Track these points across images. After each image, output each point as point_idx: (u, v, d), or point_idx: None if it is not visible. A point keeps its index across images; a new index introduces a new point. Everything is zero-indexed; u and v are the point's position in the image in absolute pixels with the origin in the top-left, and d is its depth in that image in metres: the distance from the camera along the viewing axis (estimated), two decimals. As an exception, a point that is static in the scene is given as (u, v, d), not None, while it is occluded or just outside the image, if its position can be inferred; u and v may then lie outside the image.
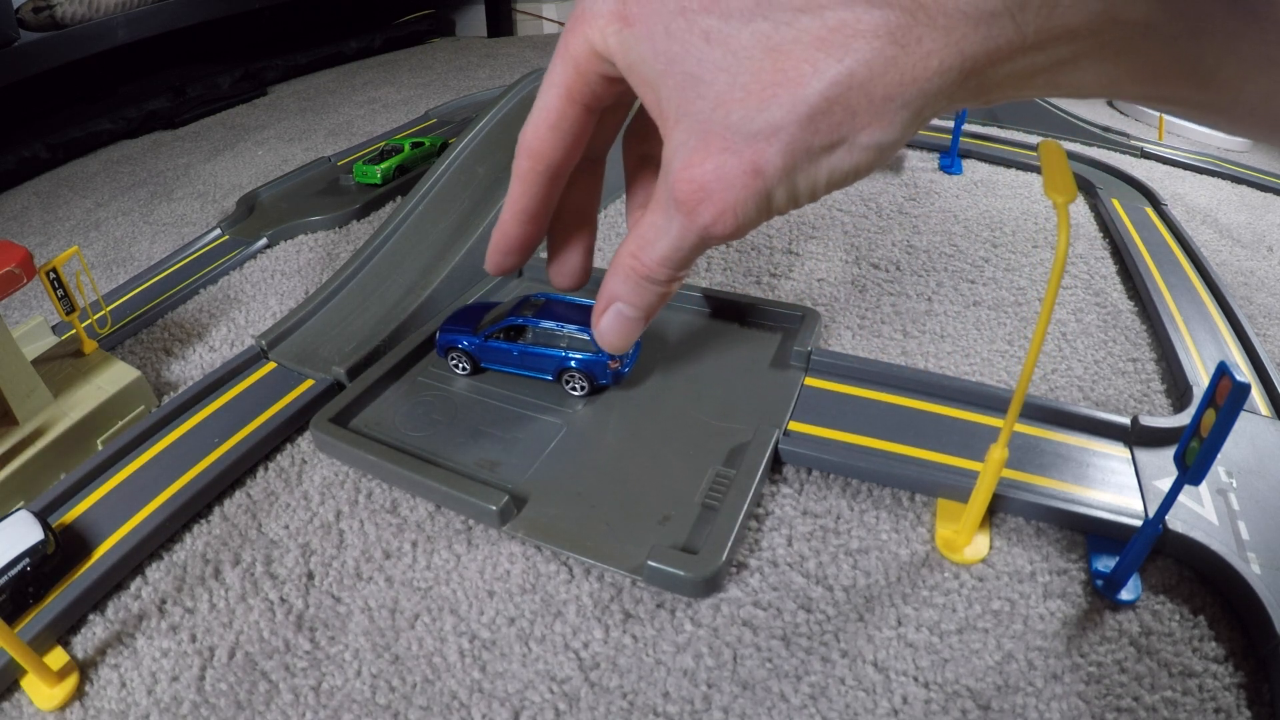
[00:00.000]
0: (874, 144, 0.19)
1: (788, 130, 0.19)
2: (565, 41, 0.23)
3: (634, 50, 0.21)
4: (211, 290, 0.64)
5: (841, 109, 0.18)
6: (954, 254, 0.64)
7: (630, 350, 0.46)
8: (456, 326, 0.48)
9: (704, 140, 0.20)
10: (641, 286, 0.25)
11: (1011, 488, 0.38)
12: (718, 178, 0.20)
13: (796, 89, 0.18)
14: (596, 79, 0.23)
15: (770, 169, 0.20)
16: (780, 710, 0.31)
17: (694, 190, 0.21)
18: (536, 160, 0.27)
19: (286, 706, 0.32)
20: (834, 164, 0.20)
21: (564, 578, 0.37)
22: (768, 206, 0.21)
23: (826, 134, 0.19)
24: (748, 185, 0.20)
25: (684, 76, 0.20)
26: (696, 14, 0.19)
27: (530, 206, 0.28)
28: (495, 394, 0.47)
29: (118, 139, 1.07)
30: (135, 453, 0.44)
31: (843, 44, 0.18)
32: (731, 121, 0.19)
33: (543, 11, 1.72)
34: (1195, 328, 0.52)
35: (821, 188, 0.21)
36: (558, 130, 0.25)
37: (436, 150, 0.85)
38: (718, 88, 0.19)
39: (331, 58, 1.42)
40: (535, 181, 0.28)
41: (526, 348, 0.46)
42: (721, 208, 0.21)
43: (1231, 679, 0.31)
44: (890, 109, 0.18)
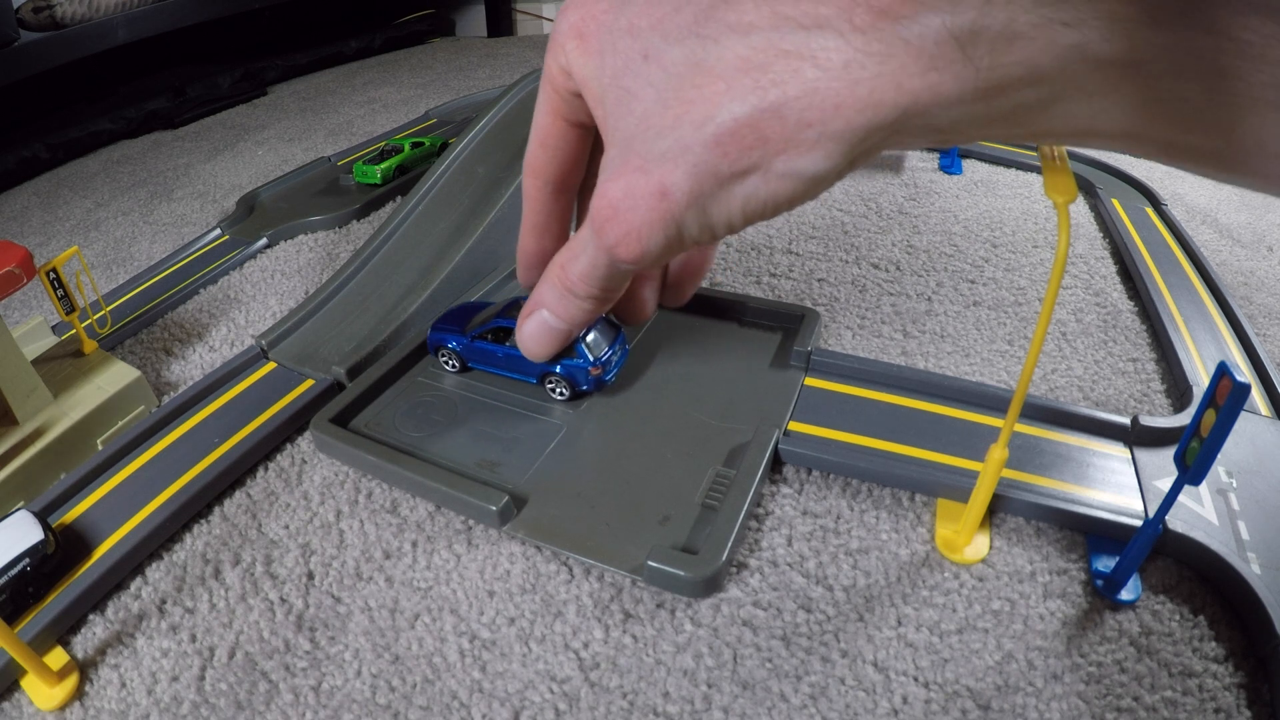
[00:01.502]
0: (792, 172, 0.18)
1: (694, 152, 0.18)
2: (545, 64, 0.23)
3: (586, 66, 0.21)
4: (211, 290, 0.64)
5: (752, 133, 0.17)
6: (954, 254, 0.64)
7: (617, 357, 0.46)
8: (447, 326, 0.48)
9: (624, 158, 0.19)
10: (565, 298, 0.25)
11: (1011, 488, 0.38)
12: (626, 197, 0.20)
13: (707, 108, 0.17)
14: (570, 97, 0.23)
15: (677, 192, 0.19)
16: (780, 710, 0.31)
17: (604, 207, 0.20)
18: (536, 177, 0.27)
19: (286, 706, 0.32)
20: (748, 192, 0.18)
21: (564, 578, 0.37)
22: (678, 234, 0.20)
23: (736, 159, 0.18)
24: (653, 208, 0.19)
25: (621, 92, 0.19)
26: (643, 31, 0.19)
27: (541, 220, 0.29)
28: (495, 394, 0.47)
29: (118, 139, 1.07)
30: (135, 453, 0.44)
31: (761, 65, 0.16)
32: (647, 139, 0.19)
33: (543, 11, 1.72)
34: (1195, 328, 0.52)
35: (738, 217, 0.19)
36: (549, 148, 0.26)
37: (436, 150, 0.85)
38: (645, 104, 0.19)
39: (331, 58, 1.42)
40: (539, 198, 0.28)
41: (511, 350, 0.46)
42: (626, 229, 0.20)
43: (1231, 679, 0.31)
44: (808, 136, 0.17)
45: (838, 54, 0.16)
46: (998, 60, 0.15)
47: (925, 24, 0.15)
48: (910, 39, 0.15)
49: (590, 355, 0.44)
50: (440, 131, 0.96)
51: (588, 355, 0.44)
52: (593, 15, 0.20)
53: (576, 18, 0.21)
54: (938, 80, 0.15)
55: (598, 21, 0.20)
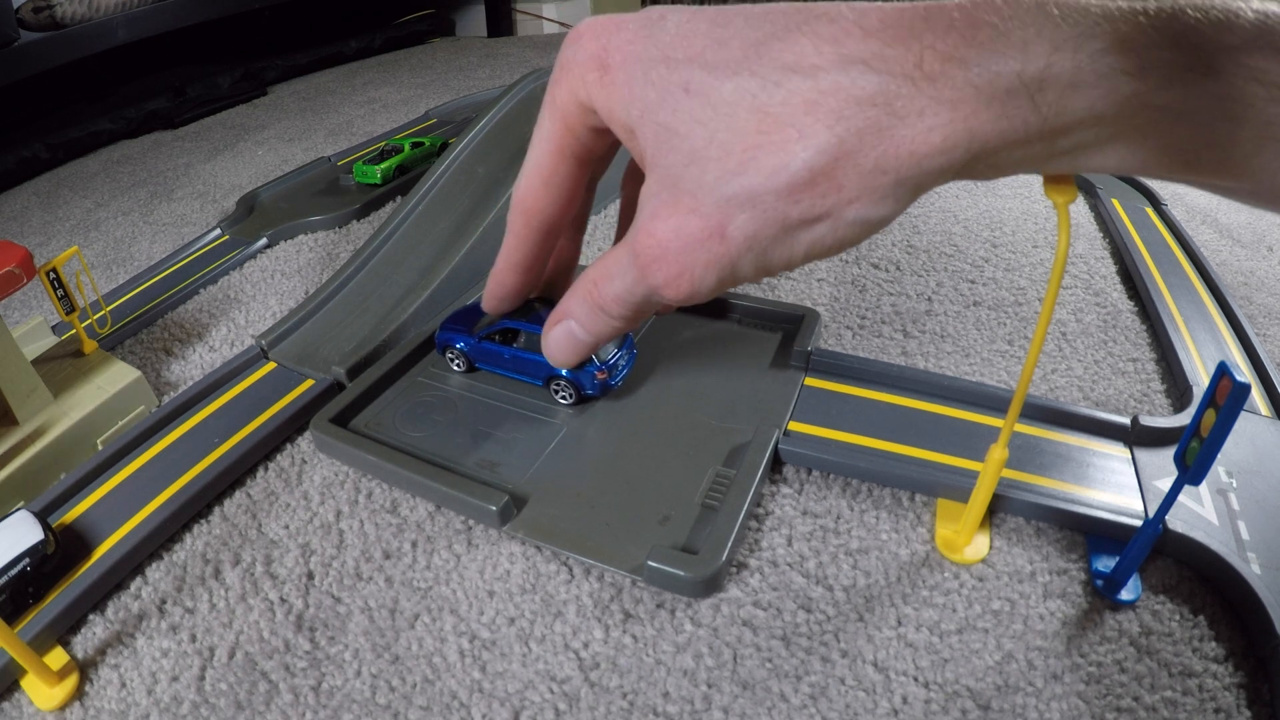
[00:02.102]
0: (861, 219, 0.17)
1: (764, 200, 0.17)
2: (552, 94, 0.22)
3: (613, 97, 0.20)
4: (211, 290, 0.64)
5: (827, 181, 0.17)
6: (954, 254, 0.64)
7: (624, 361, 0.45)
8: (455, 325, 0.48)
9: (672, 196, 0.19)
10: (595, 314, 0.25)
11: (1011, 488, 0.38)
12: (677, 238, 0.19)
13: (779, 155, 0.17)
14: (585, 131, 0.22)
15: (737, 237, 0.18)
16: (780, 710, 0.31)
17: (651, 246, 0.20)
18: (530, 217, 0.26)
19: (286, 706, 0.32)
20: (814, 238, 0.18)
21: (564, 578, 0.37)
22: (731, 275, 0.19)
23: (808, 206, 0.17)
24: (709, 251, 0.19)
25: (659, 127, 0.18)
26: (680, 63, 0.18)
27: (524, 260, 0.28)
28: (495, 394, 0.47)
29: (118, 139, 1.07)
30: (135, 453, 0.44)
31: (834, 110, 0.16)
32: (705, 181, 0.18)
33: (543, 11, 1.72)
34: (1195, 328, 0.52)
35: (799, 259, 0.19)
36: (550, 186, 0.24)
37: (436, 150, 0.85)
38: (693, 142, 0.18)
39: (331, 58, 1.42)
40: (528, 237, 0.27)
41: (518, 352, 0.45)
42: (676, 271, 0.19)
43: (1231, 679, 0.31)
44: (882, 184, 0.16)
45: (911, 101, 0.15)
46: (1063, 106, 0.15)
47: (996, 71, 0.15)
48: (981, 86, 0.15)
49: (597, 360, 0.43)
50: (440, 131, 0.96)
51: (595, 359, 0.43)
52: (616, 45, 0.19)
53: (596, 47, 0.20)
54: (1008, 126, 0.15)
55: (623, 52, 0.19)
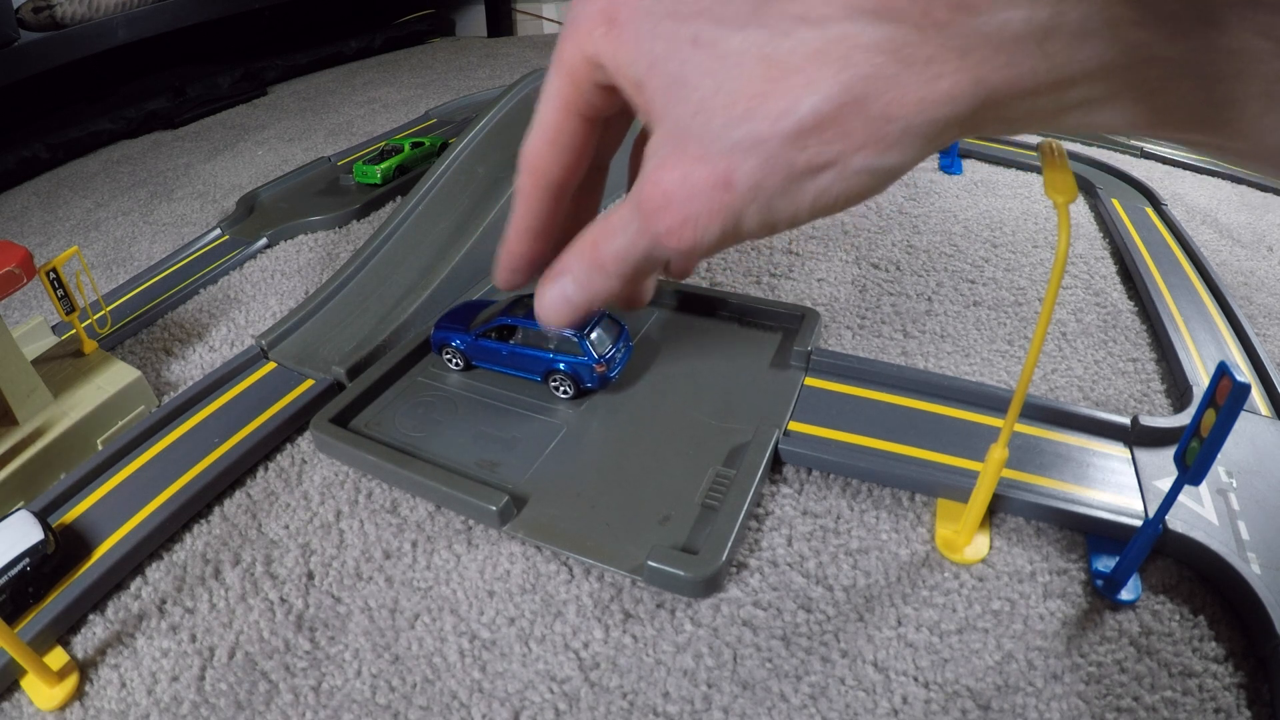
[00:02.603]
0: (868, 168, 0.17)
1: (769, 144, 0.17)
2: (559, 51, 0.22)
3: (621, 52, 0.20)
4: (211, 290, 0.64)
5: (834, 127, 0.17)
6: (954, 254, 0.64)
7: (621, 354, 0.46)
8: (451, 324, 0.48)
9: (679, 146, 0.19)
10: (592, 272, 0.24)
11: (1011, 488, 0.38)
12: (683, 186, 0.19)
13: (785, 100, 0.17)
14: (591, 88, 0.22)
15: (743, 185, 0.18)
16: (780, 710, 0.31)
17: (657, 195, 0.20)
18: (538, 177, 0.26)
19: (286, 706, 0.32)
20: (820, 187, 0.18)
21: (564, 578, 0.37)
22: (735, 227, 0.19)
23: (814, 153, 0.17)
24: (713, 199, 0.19)
25: (668, 78, 0.19)
26: (687, 17, 0.18)
27: (535, 224, 0.27)
28: (495, 394, 0.47)
29: (118, 139, 1.07)
30: (135, 453, 0.44)
31: (842, 56, 0.16)
32: (711, 128, 0.18)
33: (543, 11, 1.72)
34: (1195, 328, 0.52)
35: (805, 212, 0.19)
36: (557, 145, 0.24)
37: (436, 150, 0.85)
38: (701, 93, 0.18)
39: (331, 58, 1.42)
40: (538, 198, 0.26)
41: (515, 348, 0.46)
42: (681, 219, 0.19)
43: (1231, 679, 0.31)
44: (890, 131, 0.17)
45: (919, 48, 0.16)
46: (1072, 55, 0.15)
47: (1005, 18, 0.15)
48: (989, 33, 0.15)
49: (595, 353, 0.44)
50: (440, 131, 0.96)
51: (592, 353, 0.44)
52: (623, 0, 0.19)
53: (603, 3, 0.20)
54: (1015, 74, 0.16)
55: (630, 6, 0.19)
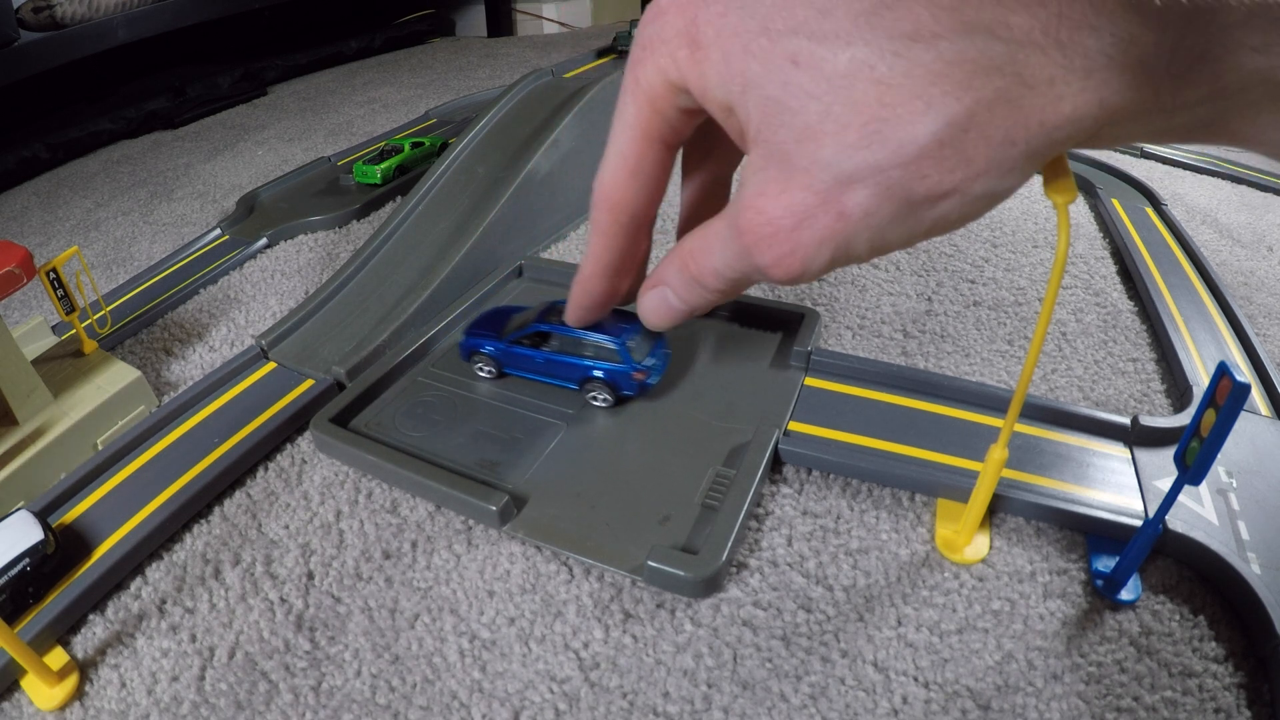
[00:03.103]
0: (988, 193, 0.17)
1: (889, 173, 0.16)
2: (634, 75, 0.21)
3: (708, 74, 0.19)
4: (211, 290, 0.64)
5: (955, 154, 0.16)
6: (954, 254, 0.64)
7: (660, 361, 0.45)
8: (481, 330, 0.47)
9: (783, 172, 0.18)
10: (690, 285, 0.23)
11: (1011, 488, 0.38)
12: (790, 215, 0.18)
13: (905, 128, 0.16)
14: (674, 113, 0.21)
15: (857, 214, 0.17)
16: (780, 710, 0.31)
17: (761, 224, 0.19)
18: (619, 212, 0.24)
19: (286, 706, 0.32)
20: (939, 215, 0.17)
21: (564, 578, 0.37)
22: (845, 254, 0.18)
23: (935, 182, 0.16)
24: (826, 229, 0.18)
25: (765, 100, 0.17)
26: (782, 34, 0.17)
27: (616, 260, 0.26)
28: (496, 395, 0.47)
29: (118, 139, 1.07)
30: (135, 453, 0.44)
31: (963, 80, 0.15)
32: (821, 157, 0.17)
33: (543, 11, 1.72)
34: (1195, 328, 0.52)
35: (919, 237, 0.18)
36: (639, 176, 0.23)
37: (436, 150, 0.85)
38: (806, 117, 0.17)
39: (331, 58, 1.42)
40: (619, 234, 0.25)
41: (551, 355, 0.45)
42: (788, 250, 0.18)
43: (1231, 679, 0.31)
44: (1011, 156, 0.16)
45: (1041, 69, 0.15)
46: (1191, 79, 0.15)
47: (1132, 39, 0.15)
48: (1115, 55, 0.15)
49: (634, 360, 0.43)
50: (440, 131, 0.96)
51: (631, 360, 0.43)
52: (706, 19, 0.18)
53: (683, 22, 0.19)
54: (1137, 97, 0.15)
55: (715, 25, 0.18)
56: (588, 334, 0.43)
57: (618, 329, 0.43)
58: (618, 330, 0.43)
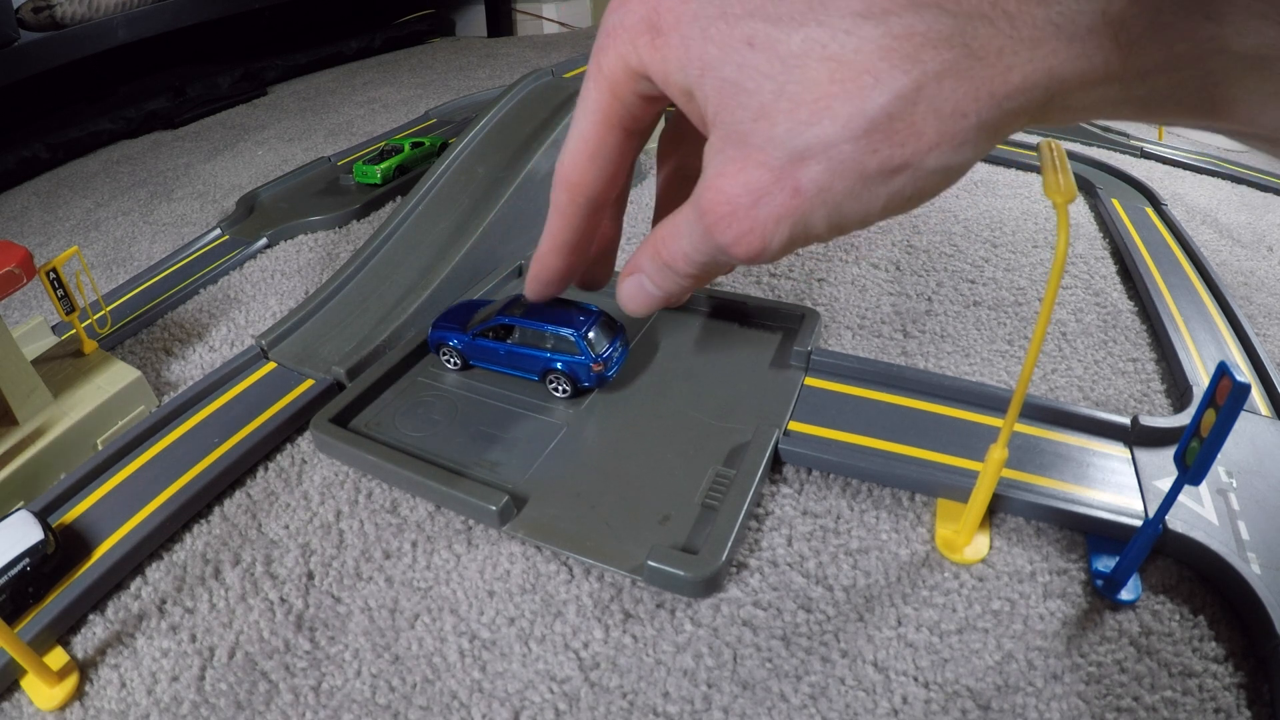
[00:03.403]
0: (942, 166, 0.17)
1: (839, 148, 0.17)
2: (597, 62, 0.21)
3: (669, 60, 0.19)
4: (211, 290, 0.64)
5: (905, 127, 0.16)
6: (954, 254, 0.64)
7: (618, 354, 0.46)
8: (448, 323, 0.48)
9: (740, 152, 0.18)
10: (662, 270, 0.24)
11: (1011, 488, 0.38)
12: (747, 193, 0.18)
13: (854, 102, 0.16)
14: (634, 100, 0.21)
15: (811, 189, 0.17)
16: (780, 710, 0.31)
17: (720, 203, 0.19)
18: (576, 193, 0.25)
19: (286, 706, 0.32)
20: (893, 191, 0.17)
21: (564, 578, 0.37)
22: (803, 231, 0.19)
23: (887, 156, 0.16)
24: (782, 205, 0.18)
25: (722, 83, 0.18)
26: (740, 18, 0.17)
27: (572, 239, 0.27)
28: (495, 394, 0.47)
29: (118, 139, 1.07)
30: (135, 453, 0.44)
31: (910, 54, 0.15)
32: (775, 135, 0.17)
33: (543, 11, 1.72)
34: (1195, 328, 0.52)
35: (876, 214, 0.18)
36: (598, 160, 0.23)
37: (436, 150, 0.85)
38: (761, 97, 0.17)
39: (331, 58, 1.42)
40: (576, 214, 0.26)
41: (513, 347, 0.46)
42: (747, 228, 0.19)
43: (1231, 679, 0.31)
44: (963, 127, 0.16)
45: (990, 41, 0.15)
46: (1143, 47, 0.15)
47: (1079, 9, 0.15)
48: (1063, 24, 0.15)
49: (592, 352, 0.44)
50: (440, 131, 0.96)
51: (590, 352, 0.44)
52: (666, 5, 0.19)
53: (645, 10, 0.19)
54: (1087, 66, 0.15)
55: (675, 12, 0.18)
56: (547, 326, 0.44)
57: (577, 322, 0.44)
58: (578, 323, 0.44)
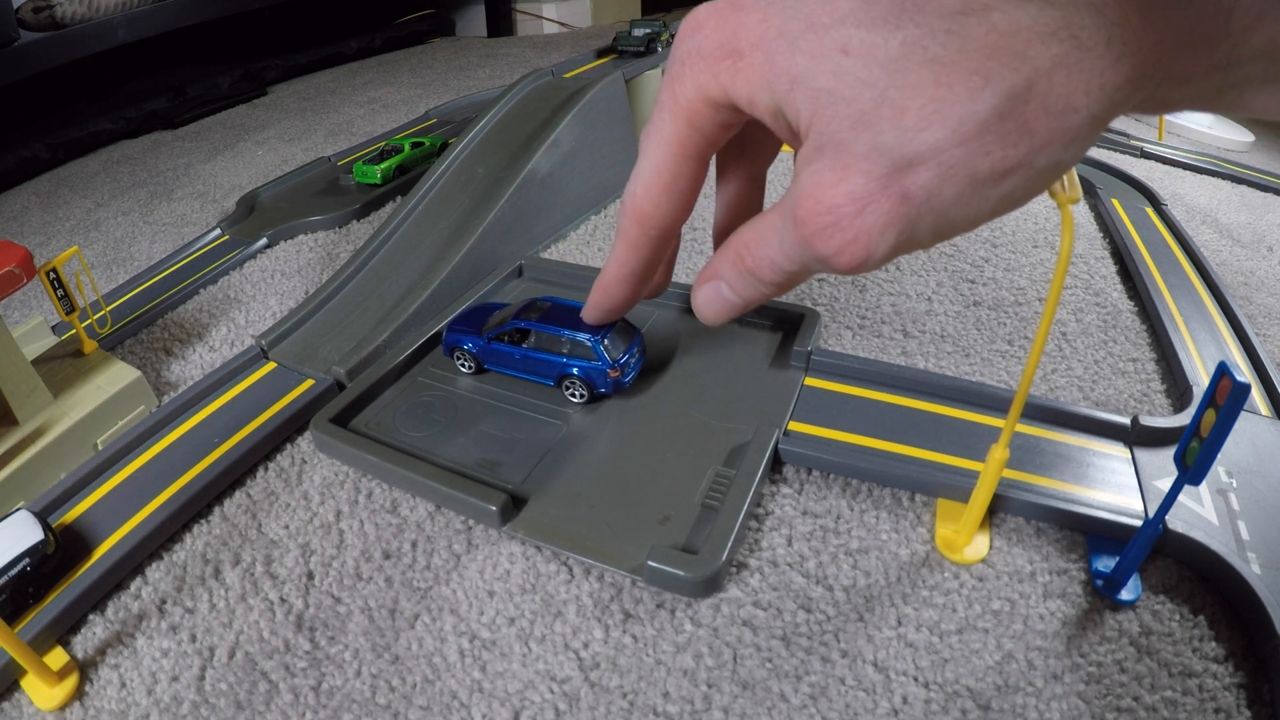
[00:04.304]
0: (1053, 165, 0.16)
1: (950, 152, 0.16)
2: (672, 92, 0.21)
3: (754, 81, 0.18)
4: (211, 290, 0.64)
5: (1017, 125, 0.15)
6: (954, 254, 0.64)
7: (635, 360, 0.45)
8: (463, 326, 0.48)
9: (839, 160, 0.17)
10: (745, 278, 0.23)
11: (1011, 488, 0.38)
12: (851, 202, 0.17)
13: (963, 105, 0.15)
14: (713, 128, 0.21)
15: (920, 196, 0.17)
16: (780, 710, 0.31)
17: (821, 213, 0.18)
18: (649, 225, 0.24)
19: (286, 706, 0.32)
20: (1004, 193, 0.17)
21: (564, 578, 0.37)
22: (909, 240, 0.18)
23: (999, 158, 0.16)
24: (889, 214, 0.17)
25: (816, 92, 0.17)
26: (829, 27, 0.17)
27: (639, 269, 0.26)
28: (496, 394, 0.47)
29: (118, 139, 1.07)
30: (135, 453, 0.44)
31: (1018, 50, 0.15)
32: (880, 143, 0.17)
33: (543, 11, 1.72)
34: (1195, 328, 0.52)
35: (985, 216, 0.17)
36: (673, 192, 0.23)
37: (436, 150, 0.85)
38: (860, 104, 0.17)
39: (331, 58, 1.42)
40: (647, 245, 0.25)
41: (529, 352, 0.45)
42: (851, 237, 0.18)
43: (1231, 679, 0.31)
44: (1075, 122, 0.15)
45: (1097, 31, 0.14)
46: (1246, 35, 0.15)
47: None
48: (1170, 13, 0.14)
49: (609, 358, 0.43)
50: (440, 131, 0.96)
51: (606, 358, 0.43)
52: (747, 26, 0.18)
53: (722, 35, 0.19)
54: (1193, 56, 0.15)
55: (755, 32, 0.18)
56: (564, 331, 0.44)
57: (595, 327, 0.43)
58: (595, 328, 0.43)
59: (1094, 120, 0.15)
